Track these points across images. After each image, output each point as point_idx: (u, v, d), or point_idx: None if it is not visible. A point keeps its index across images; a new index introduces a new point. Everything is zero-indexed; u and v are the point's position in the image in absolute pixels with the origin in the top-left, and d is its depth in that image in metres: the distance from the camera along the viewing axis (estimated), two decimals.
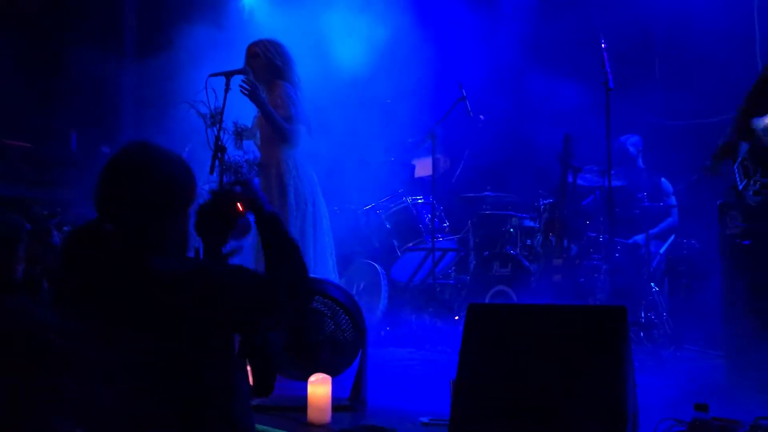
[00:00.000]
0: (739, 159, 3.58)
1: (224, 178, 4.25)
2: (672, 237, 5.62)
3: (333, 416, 3.03)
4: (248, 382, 2.02)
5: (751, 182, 3.50)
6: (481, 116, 5.98)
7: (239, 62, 4.58)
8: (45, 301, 2.52)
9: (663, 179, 5.79)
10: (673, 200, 5.72)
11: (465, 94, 5.67)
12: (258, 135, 4.65)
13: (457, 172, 6.65)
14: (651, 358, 4.44)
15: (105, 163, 2.01)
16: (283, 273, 2.00)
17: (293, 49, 4.72)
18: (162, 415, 1.86)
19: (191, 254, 2.12)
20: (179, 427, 1.86)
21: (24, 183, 6.43)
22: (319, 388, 3.03)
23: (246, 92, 4.36)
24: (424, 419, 3.03)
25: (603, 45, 4.82)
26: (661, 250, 5.48)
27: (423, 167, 6.73)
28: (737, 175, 3.53)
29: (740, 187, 3.48)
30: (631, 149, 5.84)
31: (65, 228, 3.85)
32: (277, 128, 4.44)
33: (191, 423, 1.87)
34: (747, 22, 5.83)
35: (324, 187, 4.96)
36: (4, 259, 2.44)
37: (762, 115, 3.52)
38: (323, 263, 4.59)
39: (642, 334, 4.65)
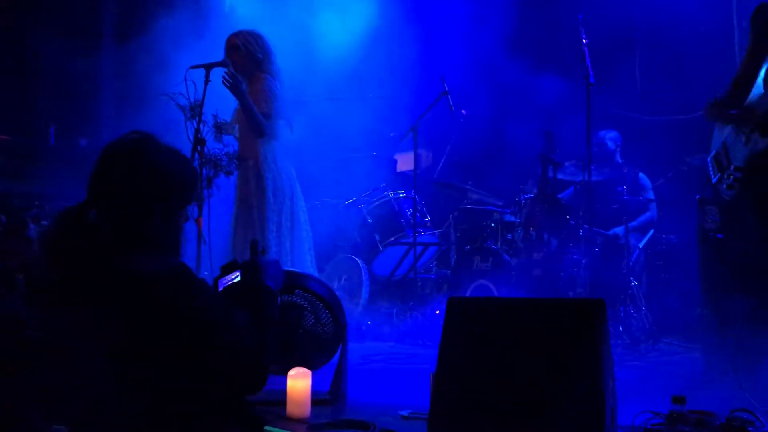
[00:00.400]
0: (713, 152, 3.58)
1: (203, 171, 4.22)
2: (651, 231, 5.66)
3: (312, 410, 3.02)
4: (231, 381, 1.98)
5: (725, 176, 3.51)
6: (463, 111, 5.99)
7: (219, 54, 4.54)
8: (20, 293, 2.49)
9: (641, 174, 5.84)
10: (651, 195, 5.77)
11: (447, 89, 5.67)
12: (237, 128, 4.63)
13: (439, 167, 6.66)
14: (629, 352, 4.48)
15: (104, 148, 1.98)
16: (252, 339, 1.94)
17: (275, 42, 4.70)
18: (141, 413, 1.84)
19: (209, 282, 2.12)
20: (160, 426, 1.84)
21: (1, 176, 6.36)
22: (299, 382, 3.02)
23: (228, 85, 4.33)
24: (404, 413, 3.02)
25: (584, 40, 4.85)
26: (641, 245, 5.52)
27: (405, 162, 6.73)
28: (711, 169, 3.55)
29: (713, 181, 3.50)
30: (610, 144, 5.87)
31: (43, 221, 3.80)
32: (255, 123, 4.43)
33: (171, 422, 1.85)
34: (726, 18, 5.87)
35: (305, 181, 4.96)
36: None
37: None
38: (301, 257, 4.58)
39: (621, 327, 4.69)
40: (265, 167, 4.51)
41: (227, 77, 4.31)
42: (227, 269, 2.18)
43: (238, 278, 2.14)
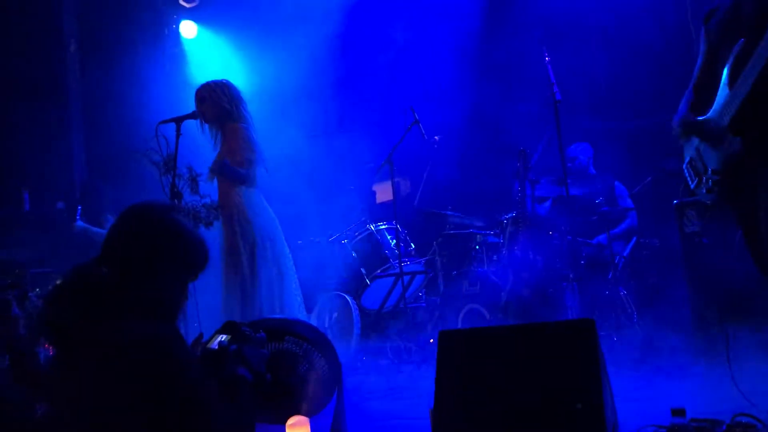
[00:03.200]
0: (687, 159, 3.61)
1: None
2: (634, 239, 5.69)
3: None
4: None
5: (703, 180, 3.53)
6: (436, 137, 6.02)
7: (189, 102, 4.56)
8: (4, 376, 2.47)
9: (617, 182, 5.88)
10: (629, 203, 5.80)
11: (417, 118, 5.70)
12: (216, 179, 4.61)
13: (418, 194, 6.67)
14: (625, 363, 4.47)
15: (125, 210, 2.06)
16: (222, 421, 1.96)
17: (242, 84, 4.72)
18: None
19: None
20: None
21: None
22: (298, 431, 2.98)
23: (214, 175, 4.43)
24: None
25: (546, 58, 4.90)
26: (625, 253, 5.55)
27: (383, 192, 6.74)
28: (687, 176, 3.57)
29: (692, 186, 3.52)
30: (581, 157, 5.92)
31: (31, 295, 3.76)
32: (239, 181, 4.47)
33: None
34: (680, 16, 5.96)
35: (286, 221, 4.94)
36: None
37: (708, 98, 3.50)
38: (290, 300, 4.55)
39: (615, 338, 4.68)
40: (249, 213, 4.50)
41: (213, 169, 4.41)
42: (221, 331, 2.19)
43: (227, 339, 2.14)
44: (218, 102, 4.52)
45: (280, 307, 4.44)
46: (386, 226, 6.11)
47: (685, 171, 3.60)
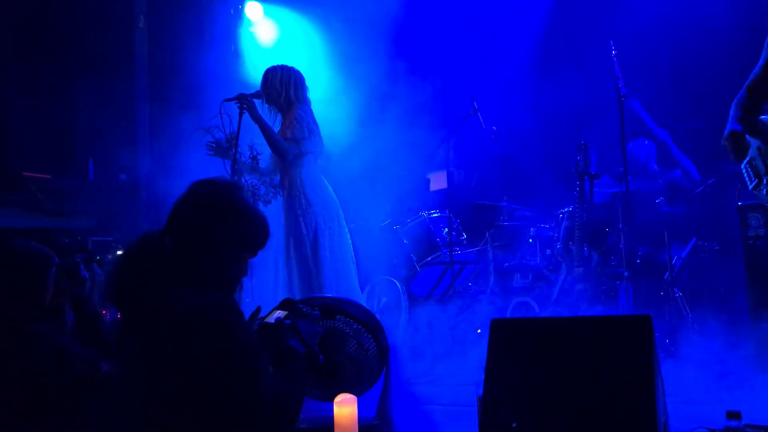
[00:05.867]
0: (747, 158, 3.50)
1: None
2: (693, 240, 5.56)
3: None
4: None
5: (764, 181, 3.42)
6: (494, 127, 5.98)
7: (249, 87, 4.64)
8: (68, 331, 2.58)
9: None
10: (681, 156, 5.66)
11: (477, 107, 5.67)
12: (278, 160, 4.67)
13: (473, 184, 6.64)
14: (678, 365, 4.39)
15: (191, 185, 2.13)
16: (272, 390, 2.00)
17: (299, 63, 4.77)
18: None
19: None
20: None
21: (43, 213, 6.51)
22: (345, 408, 3.02)
23: (244, 109, 4.40)
24: None
25: (613, 51, 4.82)
26: (683, 254, 5.43)
27: (438, 180, 6.73)
28: (746, 175, 3.47)
29: (750, 187, 3.42)
30: (641, 154, 5.80)
31: (93, 264, 3.91)
32: (274, 146, 4.50)
33: None
34: (759, 18, 5.79)
35: (340, 204, 4.98)
36: (35, 287, 2.53)
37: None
38: (348, 281, 4.58)
39: (667, 340, 4.60)
40: (310, 195, 4.54)
41: (240, 101, 4.38)
42: (279, 308, 2.25)
43: (283, 315, 2.19)
44: (281, 86, 4.59)
45: (337, 287, 4.48)
46: (439, 214, 6.11)
47: (744, 170, 3.51)
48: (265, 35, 6.99)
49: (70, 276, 2.77)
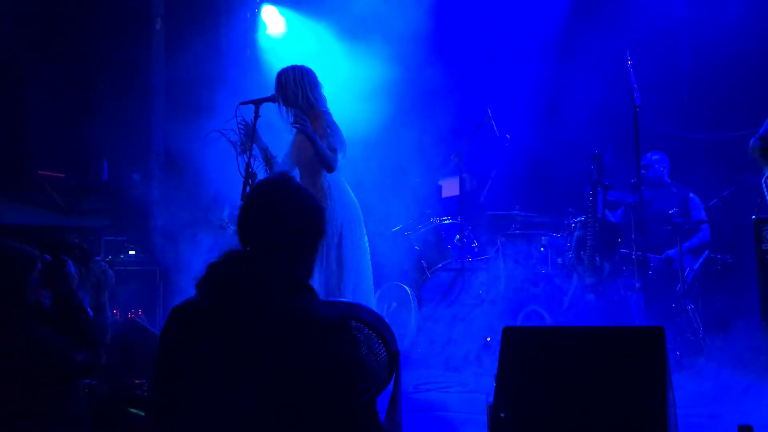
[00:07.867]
0: (766, 175, 3.51)
1: None
2: (705, 253, 5.54)
3: None
4: None
5: None
6: (508, 135, 5.98)
7: (265, 90, 4.63)
8: (44, 320, 2.67)
9: (691, 194, 5.73)
10: (703, 215, 5.64)
11: (491, 115, 5.67)
12: (289, 161, 4.65)
13: (485, 192, 6.63)
14: (689, 377, 4.36)
15: (254, 188, 2.04)
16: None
17: (314, 66, 4.74)
18: None
19: None
20: None
21: (57, 212, 6.56)
22: None
23: (298, 128, 4.37)
24: None
25: (629, 62, 4.80)
26: (695, 267, 5.40)
27: (450, 187, 6.73)
28: (765, 190, 3.47)
29: None
30: (655, 166, 5.79)
31: (98, 259, 3.95)
32: (324, 160, 4.39)
33: None
34: None
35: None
36: (14, 289, 2.60)
37: None
38: (365, 286, 4.55)
39: (678, 352, 4.58)
40: (335, 199, 4.48)
41: (297, 120, 4.33)
42: None
43: None
44: (295, 85, 4.55)
45: (356, 288, 4.46)
46: (450, 221, 6.11)
47: (763, 185, 3.50)
48: (279, 37, 7.03)
49: (53, 271, 2.84)
